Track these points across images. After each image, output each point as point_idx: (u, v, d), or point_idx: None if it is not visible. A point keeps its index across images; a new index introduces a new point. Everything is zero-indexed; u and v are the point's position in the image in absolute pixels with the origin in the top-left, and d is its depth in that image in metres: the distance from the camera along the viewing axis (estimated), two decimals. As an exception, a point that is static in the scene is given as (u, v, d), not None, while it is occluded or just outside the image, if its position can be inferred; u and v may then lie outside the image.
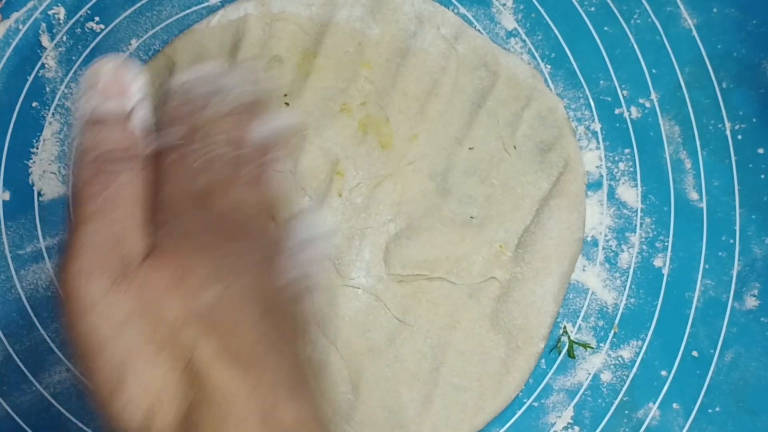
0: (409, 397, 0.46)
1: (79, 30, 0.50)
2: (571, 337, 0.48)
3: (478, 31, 0.51)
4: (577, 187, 0.49)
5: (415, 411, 0.46)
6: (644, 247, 0.49)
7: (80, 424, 0.46)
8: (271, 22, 0.49)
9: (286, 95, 0.48)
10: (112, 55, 0.32)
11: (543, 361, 0.48)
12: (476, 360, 0.46)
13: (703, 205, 0.49)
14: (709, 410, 0.47)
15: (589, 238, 0.49)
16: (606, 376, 0.48)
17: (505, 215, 0.48)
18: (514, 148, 0.49)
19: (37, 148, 0.48)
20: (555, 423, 0.47)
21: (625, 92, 0.50)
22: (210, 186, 0.31)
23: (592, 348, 0.48)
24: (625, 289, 0.49)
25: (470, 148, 0.48)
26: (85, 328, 0.28)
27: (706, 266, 0.49)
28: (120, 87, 0.31)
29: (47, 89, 0.49)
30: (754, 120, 0.50)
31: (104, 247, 0.29)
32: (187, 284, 0.28)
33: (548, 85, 0.50)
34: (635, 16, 0.51)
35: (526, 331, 0.47)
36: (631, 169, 0.50)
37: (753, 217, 0.49)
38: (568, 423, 0.47)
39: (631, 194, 0.49)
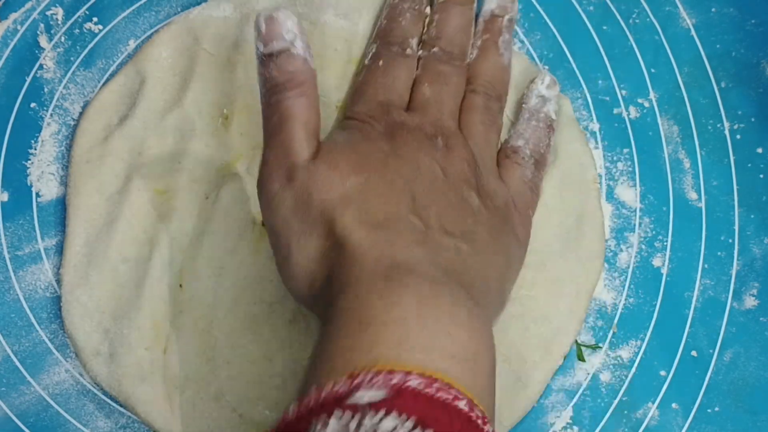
0: None
1: (77, 31, 0.50)
2: (578, 340, 0.48)
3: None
4: (582, 197, 0.48)
5: None
6: (643, 246, 0.49)
7: (79, 425, 0.46)
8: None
9: None
10: (270, 9, 0.39)
11: (542, 361, 0.48)
12: None
13: (702, 204, 0.49)
14: (708, 410, 0.47)
15: (587, 238, 0.49)
16: (605, 376, 0.48)
17: None
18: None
19: (36, 149, 0.48)
20: (554, 423, 0.47)
21: (623, 92, 0.50)
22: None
23: (600, 348, 0.48)
24: (624, 289, 0.49)
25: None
26: (267, 218, 0.40)
27: (705, 266, 0.49)
28: (275, 31, 0.38)
29: (45, 90, 0.49)
30: (753, 120, 0.50)
31: (278, 158, 0.39)
32: (333, 176, 0.39)
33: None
34: (634, 16, 0.51)
35: (544, 348, 0.46)
36: (630, 169, 0.50)
37: (752, 216, 0.49)
38: (567, 423, 0.47)
39: (629, 194, 0.49)
